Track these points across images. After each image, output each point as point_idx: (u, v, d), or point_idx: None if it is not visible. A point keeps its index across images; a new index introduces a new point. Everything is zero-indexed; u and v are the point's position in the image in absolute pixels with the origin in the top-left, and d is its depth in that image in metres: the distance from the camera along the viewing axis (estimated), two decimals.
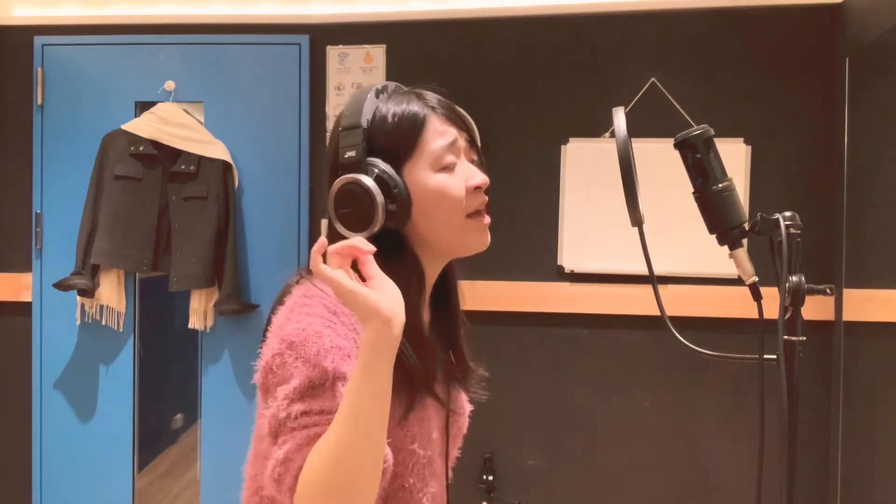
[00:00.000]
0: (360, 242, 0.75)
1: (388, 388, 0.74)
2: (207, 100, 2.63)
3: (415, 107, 0.90)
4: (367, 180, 0.85)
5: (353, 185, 0.85)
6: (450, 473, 1.01)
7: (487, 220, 0.94)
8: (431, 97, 0.93)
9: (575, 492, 2.51)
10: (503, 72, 2.51)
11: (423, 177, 0.89)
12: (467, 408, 1.04)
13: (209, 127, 2.59)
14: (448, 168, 0.90)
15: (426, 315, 0.97)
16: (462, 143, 0.93)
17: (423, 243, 0.92)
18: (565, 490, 2.51)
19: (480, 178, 0.92)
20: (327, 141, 0.94)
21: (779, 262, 0.90)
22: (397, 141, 0.88)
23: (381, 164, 0.87)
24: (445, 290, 1.01)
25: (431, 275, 0.96)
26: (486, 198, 0.94)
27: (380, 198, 0.85)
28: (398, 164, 0.88)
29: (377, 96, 0.91)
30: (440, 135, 0.90)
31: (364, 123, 0.87)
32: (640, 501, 2.48)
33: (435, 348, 0.92)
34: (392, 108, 0.89)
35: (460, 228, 0.91)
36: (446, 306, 1.01)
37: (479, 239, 0.93)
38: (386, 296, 0.74)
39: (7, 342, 2.71)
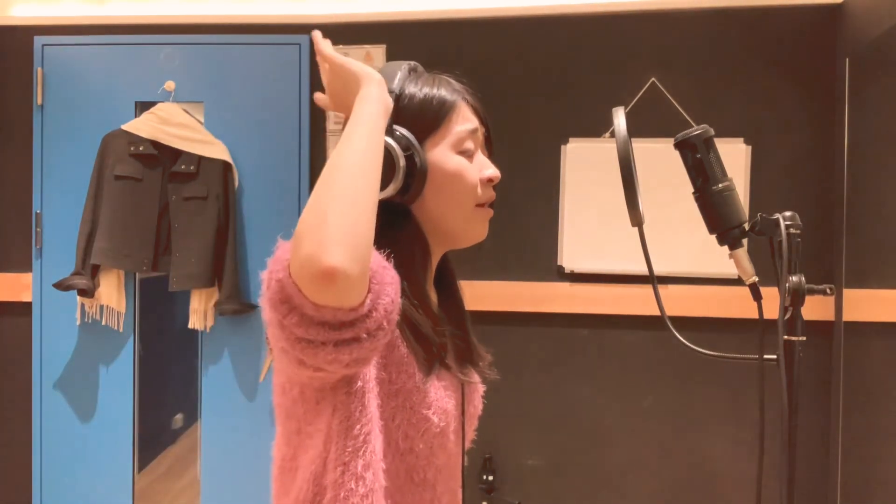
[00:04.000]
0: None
1: (380, 134, 0.80)
2: (207, 100, 2.63)
3: (445, 91, 0.93)
4: (392, 141, 0.87)
5: None
6: (465, 458, 1.02)
7: (490, 212, 0.96)
8: (462, 86, 0.96)
9: (575, 492, 2.51)
10: (503, 72, 2.51)
11: (443, 155, 0.91)
12: (481, 388, 1.05)
13: (209, 127, 2.59)
14: (466, 153, 0.93)
15: (433, 299, 0.99)
16: (480, 135, 0.95)
17: (427, 223, 0.94)
18: (565, 490, 2.51)
19: (494, 171, 0.95)
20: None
21: (779, 262, 0.90)
22: (423, 118, 0.90)
23: (406, 132, 0.89)
24: (447, 281, 1.03)
25: (433, 259, 0.97)
26: (494, 193, 0.96)
27: (402, 161, 0.86)
28: (419, 139, 0.90)
29: (409, 73, 0.94)
30: (465, 119, 0.93)
31: (396, 91, 0.90)
32: (640, 501, 2.48)
33: (439, 318, 0.93)
34: (423, 87, 0.92)
35: (469, 215, 0.94)
36: (450, 295, 1.03)
37: (481, 229, 0.96)
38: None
39: (7, 342, 2.71)
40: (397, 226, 0.91)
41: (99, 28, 2.64)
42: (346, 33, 2.55)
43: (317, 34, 0.88)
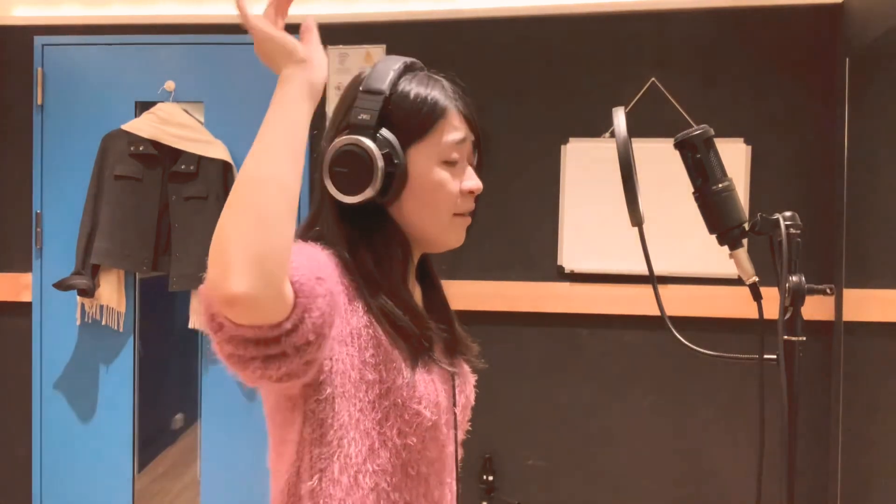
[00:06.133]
0: None
1: (300, 123, 0.76)
2: (207, 100, 2.63)
3: (439, 95, 0.91)
4: (372, 145, 0.86)
5: (357, 146, 0.86)
6: (460, 450, 1.02)
7: (468, 220, 0.96)
8: (455, 90, 0.94)
9: (575, 492, 2.51)
10: (503, 72, 2.51)
11: (426, 164, 0.90)
12: (472, 378, 1.05)
13: (209, 127, 2.59)
14: (450, 163, 0.91)
15: (417, 294, 1.00)
16: (469, 144, 0.94)
17: (404, 225, 0.93)
18: (565, 490, 2.51)
19: (475, 183, 0.94)
20: (337, 102, 0.95)
21: (779, 262, 0.90)
22: (412, 121, 0.89)
23: (389, 136, 0.87)
24: (429, 277, 1.04)
25: (414, 256, 0.97)
26: (474, 205, 0.96)
27: (380, 164, 0.85)
28: (405, 144, 0.89)
29: (405, 71, 0.91)
30: (454, 129, 0.91)
31: (387, 91, 0.88)
32: (640, 501, 2.48)
33: (423, 314, 0.93)
34: (417, 88, 0.90)
35: (445, 224, 0.93)
36: (432, 288, 1.04)
37: (457, 237, 0.96)
38: (309, 47, 0.81)
39: (7, 342, 2.71)
40: (375, 226, 0.91)
41: (99, 28, 2.64)
42: (346, 33, 2.55)
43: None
